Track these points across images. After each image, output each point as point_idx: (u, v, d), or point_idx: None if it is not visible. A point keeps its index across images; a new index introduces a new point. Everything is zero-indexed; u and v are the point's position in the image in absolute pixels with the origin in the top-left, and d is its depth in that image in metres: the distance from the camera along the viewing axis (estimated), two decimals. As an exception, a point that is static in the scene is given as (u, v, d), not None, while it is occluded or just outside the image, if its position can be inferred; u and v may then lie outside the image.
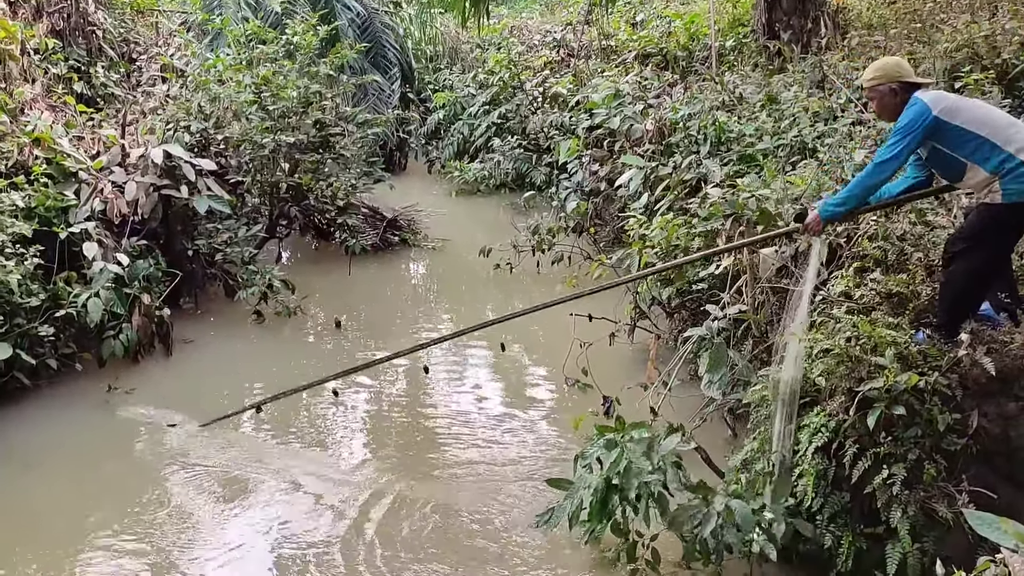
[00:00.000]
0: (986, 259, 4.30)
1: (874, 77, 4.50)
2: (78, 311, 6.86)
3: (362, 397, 7.21)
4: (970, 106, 4.31)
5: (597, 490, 4.67)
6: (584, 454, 4.89)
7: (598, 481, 4.67)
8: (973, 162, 4.17)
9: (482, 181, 14.03)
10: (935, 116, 4.20)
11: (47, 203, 7.15)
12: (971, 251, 4.27)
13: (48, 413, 6.61)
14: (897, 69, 4.47)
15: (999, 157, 4.08)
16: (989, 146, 4.10)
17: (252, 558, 5.01)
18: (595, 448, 4.83)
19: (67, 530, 5.22)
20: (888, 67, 4.50)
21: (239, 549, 5.08)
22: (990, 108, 4.38)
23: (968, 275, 4.32)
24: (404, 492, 5.65)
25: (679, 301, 7.26)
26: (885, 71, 4.47)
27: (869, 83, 4.53)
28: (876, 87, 4.49)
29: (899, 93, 4.40)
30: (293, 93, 9.84)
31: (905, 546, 4.01)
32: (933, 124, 4.20)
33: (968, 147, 4.16)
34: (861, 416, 4.17)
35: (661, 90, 11.10)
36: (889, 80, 4.44)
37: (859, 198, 4.51)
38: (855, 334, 4.44)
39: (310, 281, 9.48)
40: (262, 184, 9.85)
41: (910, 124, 4.25)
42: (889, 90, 4.43)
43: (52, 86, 9.36)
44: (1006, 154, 4.06)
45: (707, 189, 7.13)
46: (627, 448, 4.70)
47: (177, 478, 5.80)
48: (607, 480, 4.65)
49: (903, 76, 4.43)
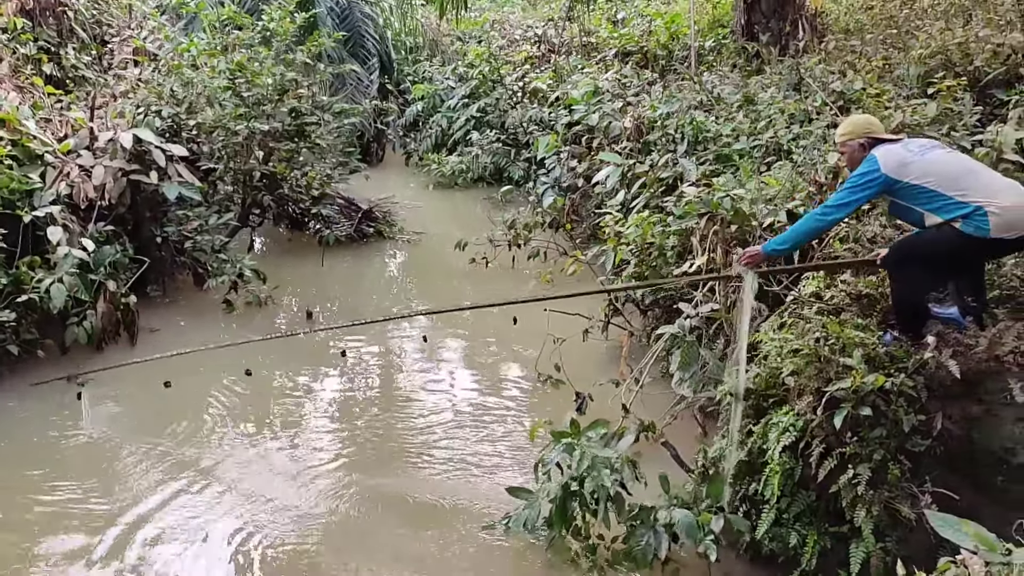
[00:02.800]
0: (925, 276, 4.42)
1: (845, 133, 4.62)
2: (41, 297, 6.72)
3: (333, 387, 7.14)
4: (923, 160, 4.33)
5: (556, 498, 4.68)
6: (544, 461, 4.91)
7: (556, 489, 4.68)
8: (928, 211, 4.26)
9: (460, 175, 13.96)
10: (884, 175, 4.30)
11: (11, 185, 7.00)
12: (912, 264, 4.40)
13: (8, 399, 6.47)
14: (867, 126, 4.59)
15: (950, 205, 4.16)
16: (941, 198, 4.19)
17: (212, 543, 4.96)
18: (554, 453, 4.84)
19: (19, 516, 5.13)
20: (858, 124, 4.63)
21: (202, 534, 5.02)
22: (948, 158, 4.39)
23: (910, 288, 4.43)
24: (368, 488, 5.60)
25: (652, 299, 7.26)
26: (855, 127, 4.60)
27: (841, 138, 4.64)
28: (847, 142, 4.60)
29: (866, 148, 4.50)
30: (268, 80, 9.72)
31: (868, 545, 4.02)
32: (883, 182, 4.31)
33: (921, 198, 4.26)
34: (828, 416, 4.18)
35: (640, 88, 11.10)
36: (858, 136, 4.55)
37: (802, 240, 4.68)
38: (824, 335, 4.46)
39: (282, 271, 9.38)
40: (235, 172, 9.72)
41: (861, 180, 4.37)
42: (859, 145, 4.54)
43: (20, 66, 9.17)
44: (957, 202, 4.13)
45: (683, 188, 7.14)
46: (586, 449, 4.72)
47: (136, 465, 5.72)
48: (565, 487, 4.67)
49: (872, 132, 4.56)
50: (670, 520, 4.55)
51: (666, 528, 4.55)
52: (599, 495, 4.60)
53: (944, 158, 4.35)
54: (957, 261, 4.36)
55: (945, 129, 6.43)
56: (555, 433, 4.96)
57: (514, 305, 6.05)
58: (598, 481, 4.59)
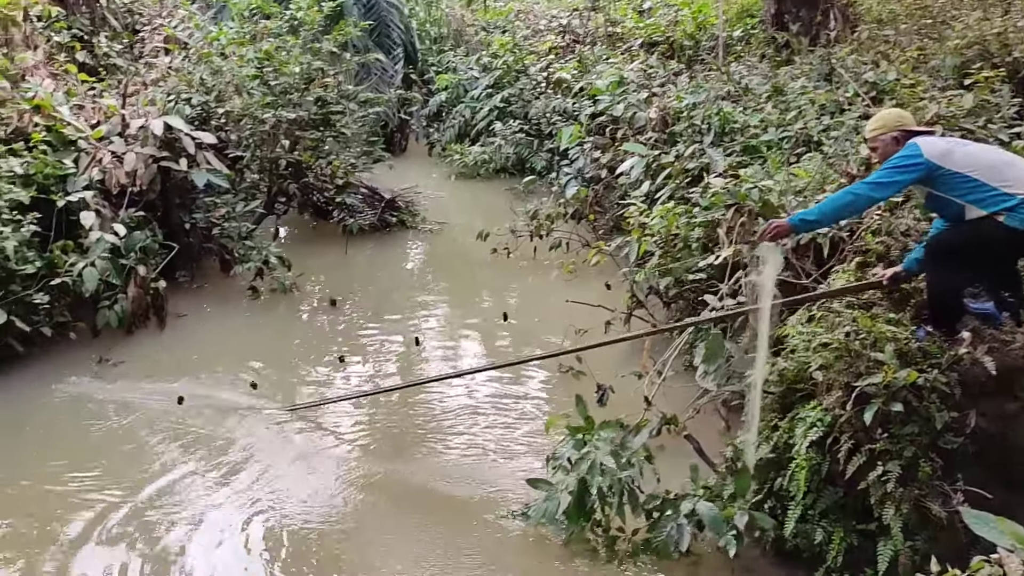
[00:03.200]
0: (963, 270, 4.33)
1: (876, 127, 4.51)
2: (74, 280, 6.81)
3: (354, 372, 7.18)
4: (964, 150, 4.28)
5: (573, 492, 4.68)
6: (556, 455, 4.90)
7: (573, 482, 4.68)
8: (970, 203, 4.16)
9: (482, 165, 13.95)
10: (927, 160, 4.19)
11: (45, 171, 7.09)
12: (949, 259, 4.30)
13: (40, 380, 6.57)
14: (898, 119, 4.50)
15: (995, 197, 4.06)
16: (984, 188, 4.09)
17: (233, 527, 5.00)
18: (566, 449, 4.84)
19: (51, 493, 5.20)
20: (890, 117, 4.54)
21: (221, 518, 5.07)
22: (986, 149, 4.35)
23: (946, 283, 4.34)
24: (385, 473, 5.62)
25: (676, 291, 7.22)
26: (886, 121, 4.50)
27: (871, 133, 4.53)
28: (878, 137, 4.49)
29: (900, 141, 4.39)
30: (295, 69, 9.76)
31: (897, 544, 3.98)
32: (925, 167, 4.19)
33: (962, 188, 4.16)
34: (858, 411, 4.14)
35: (666, 79, 11.03)
36: (890, 130, 4.45)
37: (833, 215, 4.51)
38: (855, 329, 4.41)
39: (306, 259, 9.43)
40: (261, 160, 9.78)
41: (902, 163, 4.25)
42: (891, 139, 4.43)
43: (54, 54, 9.25)
44: (1002, 193, 4.05)
45: (709, 179, 7.08)
46: (595, 447, 4.72)
47: (164, 447, 5.78)
48: (582, 481, 4.66)
49: (904, 125, 4.46)
50: (694, 512, 4.54)
51: (689, 519, 4.53)
52: (615, 489, 4.61)
53: (985, 149, 4.28)
54: (997, 256, 4.28)
55: (982, 121, 6.33)
56: (571, 428, 4.95)
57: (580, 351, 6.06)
58: (604, 481, 4.59)
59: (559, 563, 4.72)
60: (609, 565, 4.65)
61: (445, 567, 4.69)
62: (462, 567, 4.70)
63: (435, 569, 4.67)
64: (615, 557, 4.69)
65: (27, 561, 4.61)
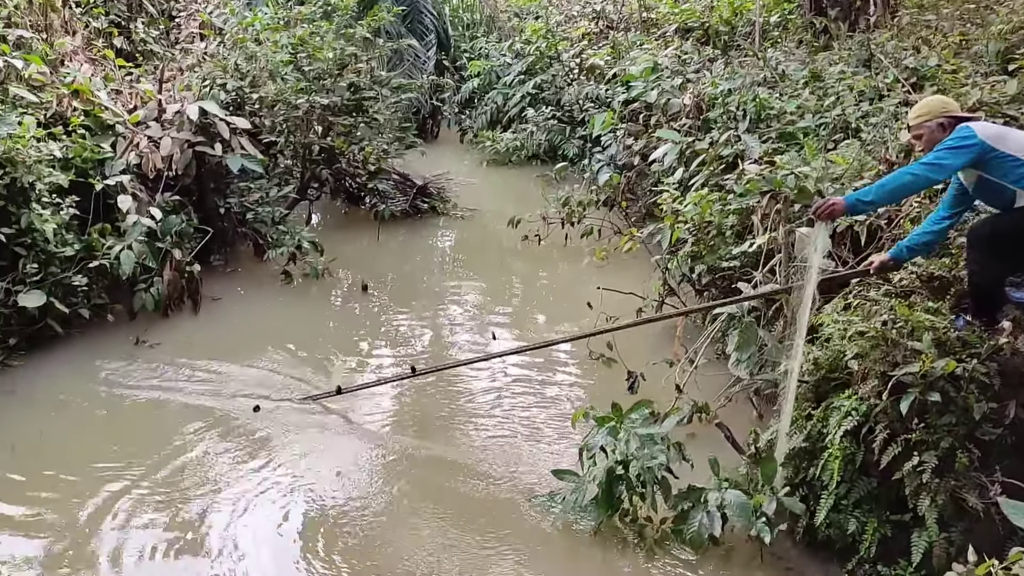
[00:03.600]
0: (1006, 259, 4.26)
1: (920, 114, 4.43)
2: (111, 263, 6.91)
3: (386, 357, 7.22)
4: (1018, 134, 4.22)
5: (601, 482, 4.67)
6: (588, 447, 4.87)
7: (601, 473, 4.67)
8: (1022, 189, 4.08)
9: (514, 152, 13.92)
10: (981, 141, 4.11)
11: (84, 154, 7.19)
12: (993, 247, 4.23)
13: (79, 360, 6.69)
14: (943, 105, 4.43)
15: None
16: None
17: (266, 508, 5.07)
18: (598, 438, 4.82)
19: (87, 472, 5.30)
20: (933, 104, 4.46)
21: (255, 499, 5.13)
22: None
23: (988, 271, 4.28)
24: (418, 458, 5.67)
25: (709, 278, 7.17)
26: (930, 108, 4.42)
27: (915, 121, 4.45)
28: (923, 124, 4.40)
29: (947, 128, 4.32)
30: (329, 55, 9.79)
31: (932, 535, 3.94)
32: (980, 149, 4.11)
33: (1016, 173, 4.08)
34: (894, 401, 4.09)
35: (701, 65, 10.91)
36: (935, 116, 4.37)
37: (889, 196, 4.42)
38: (892, 317, 4.35)
39: (339, 244, 9.48)
40: (295, 145, 9.84)
41: (956, 144, 4.16)
42: (937, 125, 4.35)
43: (92, 39, 9.39)
44: None
45: (744, 165, 7.00)
46: (630, 431, 4.70)
47: (197, 427, 5.87)
48: (610, 471, 4.66)
49: (950, 111, 4.39)
50: (721, 501, 4.52)
51: (718, 509, 4.52)
52: (645, 478, 4.60)
53: None
54: None
55: (1026, 107, 6.20)
56: (599, 418, 4.94)
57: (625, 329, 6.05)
58: (644, 463, 4.58)
59: (589, 550, 4.73)
60: (640, 553, 4.65)
61: (474, 553, 4.72)
62: (491, 553, 4.73)
63: (464, 555, 4.70)
64: (645, 545, 4.69)
65: (65, 534, 4.72)
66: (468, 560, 4.66)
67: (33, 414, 5.94)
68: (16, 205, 6.51)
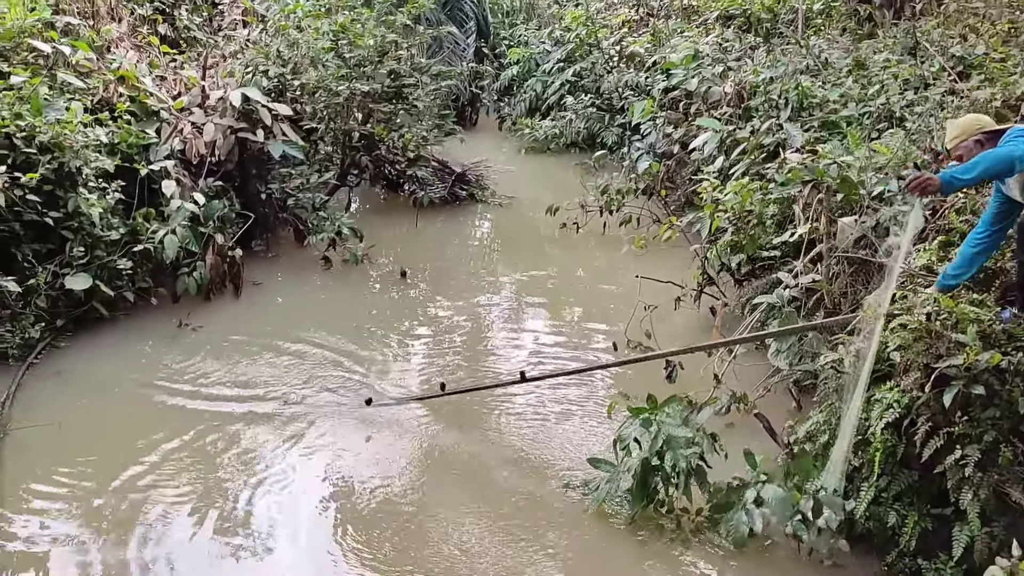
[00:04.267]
0: None
1: (955, 136, 4.49)
2: (155, 247, 7.04)
3: (423, 345, 7.28)
4: None
5: (636, 472, 4.67)
6: (621, 438, 4.87)
7: (636, 463, 4.67)
8: None
9: (552, 139, 13.90)
10: None
11: (129, 140, 7.32)
12: None
13: (124, 342, 6.84)
14: (975, 123, 4.50)
15: None
16: None
17: (302, 489, 5.18)
18: (631, 429, 4.82)
19: (128, 450, 5.43)
20: (966, 124, 4.52)
21: (291, 483, 5.23)
22: None
23: None
24: (453, 441, 5.72)
25: (749, 268, 7.11)
26: (964, 128, 4.48)
27: (952, 143, 4.51)
28: (960, 144, 4.45)
29: (984, 143, 4.36)
30: (370, 42, 9.85)
31: (973, 529, 3.90)
32: None
33: None
34: (937, 394, 4.04)
35: (742, 53, 10.78)
36: (970, 135, 4.42)
37: (992, 170, 4.25)
38: (936, 309, 4.28)
39: (378, 231, 9.56)
40: (335, 132, 9.92)
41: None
42: (974, 143, 4.40)
43: (137, 26, 9.54)
44: None
45: (786, 154, 6.92)
46: (663, 424, 4.69)
47: (239, 412, 5.97)
48: (645, 462, 4.65)
49: (983, 127, 4.45)
50: (759, 499, 4.50)
51: (756, 506, 4.50)
52: (680, 470, 4.58)
53: None
54: None
55: (1076, 98, 6.04)
56: (633, 409, 4.94)
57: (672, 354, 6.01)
58: (677, 455, 4.57)
59: (625, 540, 4.74)
60: (677, 542, 4.65)
61: (509, 537, 4.77)
62: (526, 539, 4.77)
63: (499, 539, 4.75)
64: (682, 535, 4.69)
65: (104, 510, 4.85)
66: (502, 544, 4.70)
67: (79, 394, 6.10)
68: (64, 189, 6.66)
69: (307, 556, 4.67)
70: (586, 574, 4.60)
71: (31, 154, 6.49)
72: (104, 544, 4.59)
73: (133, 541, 4.62)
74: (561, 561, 4.61)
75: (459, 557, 4.60)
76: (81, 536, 4.65)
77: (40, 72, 7.35)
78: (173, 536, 4.69)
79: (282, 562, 4.60)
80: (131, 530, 4.70)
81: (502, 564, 4.56)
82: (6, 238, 6.46)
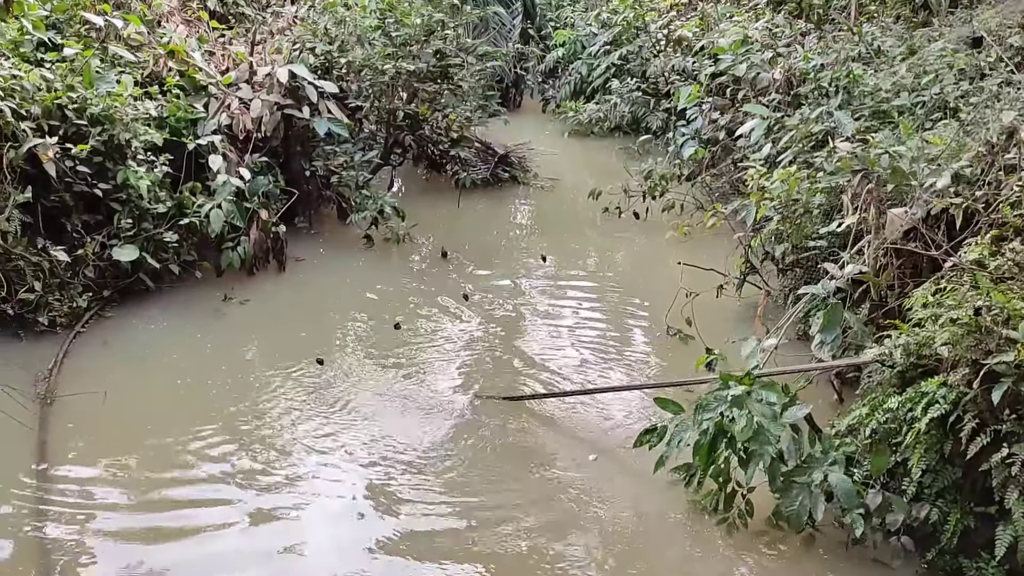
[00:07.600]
0: None
1: None
2: (201, 221, 7.14)
3: (462, 325, 7.31)
4: None
5: (707, 432, 4.59)
6: (706, 405, 4.69)
7: (711, 425, 4.58)
8: None
9: (596, 123, 13.81)
10: None
11: (178, 114, 7.42)
12: None
13: (169, 314, 6.96)
14: None
15: None
16: None
17: (346, 462, 5.26)
18: (719, 402, 4.65)
19: (175, 418, 5.55)
20: None
21: (334, 452, 5.32)
22: None
23: None
24: (494, 420, 5.76)
25: (794, 258, 7.01)
26: None
27: None
28: None
29: None
30: (416, 20, 9.84)
31: (1018, 529, 3.83)
32: None
33: None
34: (985, 390, 3.95)
35: (793, 39, 10.56)
36: None
37: None
38: (986, 304, 4.18)
39: (419, 211, 9.58)
40: (380, 111, 9.96)
41: None
42: None
43: (187, 1, 9.64)
44: None
45: (835, 143, 6.78)
46: (755, 410, 4.54)
47: (279, 386, 6.05)
48: (719, 425, 4.56)
49: None
50: (826, 483, 4.40)
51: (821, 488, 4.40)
52: (759, 453, 4.46)
53: None
54: None
55: None
56: (724, 376, 4.80)
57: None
58: (761, 453, 4.46)
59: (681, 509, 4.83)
60: (722, 524, 4.68)
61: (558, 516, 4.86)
62: (575, 507, 4.87)
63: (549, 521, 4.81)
64: (729, 517, 4.68)
65: (146, 480, 4.97)
66: (547, 506, 4.86)
67: (124, 363, 6.24)
68: (113, 161, 6.78)
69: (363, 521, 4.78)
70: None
71: (82, 126, 6.61)
72: (143, 509, 4.70)
73: (171, 506, 4.73)
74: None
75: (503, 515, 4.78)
76: (122, 502, 4.77)
77: (92, 45, 7.47)
78: (209, 502, 4.81)
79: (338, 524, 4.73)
80: (168, 496, 4.82)
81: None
82: (56, 209, 6.59)
